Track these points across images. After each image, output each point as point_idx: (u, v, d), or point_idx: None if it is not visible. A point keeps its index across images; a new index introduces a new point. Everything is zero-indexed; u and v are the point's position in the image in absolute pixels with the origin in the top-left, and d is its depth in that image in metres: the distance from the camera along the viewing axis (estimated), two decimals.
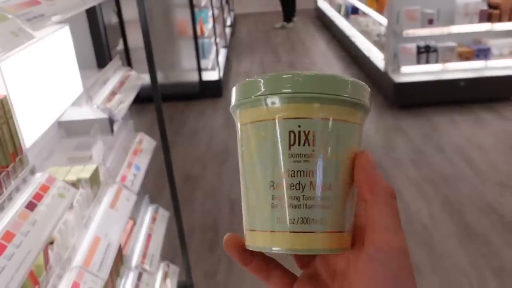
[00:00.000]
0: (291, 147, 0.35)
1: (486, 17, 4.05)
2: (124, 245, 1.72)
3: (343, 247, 0.37)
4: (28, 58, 1.17)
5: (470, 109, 4.12)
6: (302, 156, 0.35)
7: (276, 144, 0.35)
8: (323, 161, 0.35)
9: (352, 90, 0.37)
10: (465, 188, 2.96)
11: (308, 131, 0.35)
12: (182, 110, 4.61)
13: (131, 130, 1.94)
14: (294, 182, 0.35)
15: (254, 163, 0.37)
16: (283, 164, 0.35)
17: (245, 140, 0.38)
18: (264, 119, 0.36)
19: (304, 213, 0.35)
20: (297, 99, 0.35)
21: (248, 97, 0.36)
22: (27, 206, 0.92)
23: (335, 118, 0.36)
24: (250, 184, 0.37)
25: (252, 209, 0.37)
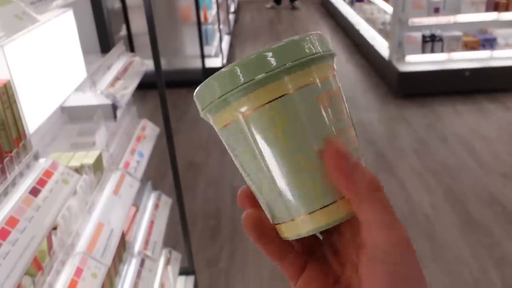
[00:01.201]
0: (324, 111, 0.34)
1: (493, 6, 4.00)
2: (127, 232, 1.72)
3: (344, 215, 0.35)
4: (31, 42, 1.16)
5: (474, 99, 4.09)
6: (335, 116, 0.34)
7: (264, 135, 0.34)
8: (348, 117, 0.36)
9: (325, 44, 0.36)
10: (468, 179, 2.95)
11: (330, 95, 0.34)
12: (185, 97, 4.59)
13: (135, 117, 1.93)
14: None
15: (248, 163, 0.35)
16: (324, 131, 0.34)
17: (230, 144, 0.36)
18: (237, 118, 0.34)
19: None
20: (261, 82, 0.33)
21: (214, 100, 0.35)
22: (30, 192, 0.91)
23: (330, 76, 0.35)
24: (289, 165, 0.34)
25: (280, 202, 0.35)
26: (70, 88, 1.40)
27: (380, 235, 0.32)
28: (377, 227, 0.32)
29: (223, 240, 2.53)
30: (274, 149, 0.34)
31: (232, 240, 2.51)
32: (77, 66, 1.47)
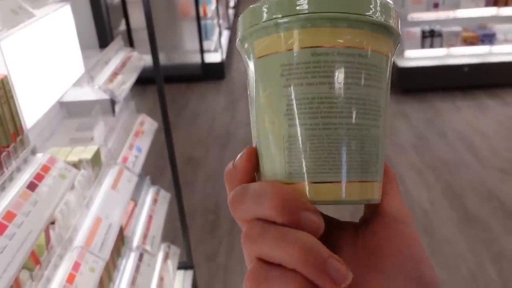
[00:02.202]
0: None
1: (493, 1, 4.00)
2: (126, 226, 1.73)
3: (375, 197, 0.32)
4: (29, 37, 1.16)
5: (473, 95, 4.09)
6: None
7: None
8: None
9: (382, 11, 0.30)
10: (467, 174, 2.96)
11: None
12: (184, 92, 4.59)
13: (133, 112, 1.93)
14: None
15: (274, 103, 0.30)
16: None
17: (263, 76, 0.31)
18: (282, 49, 0.30)
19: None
20: (329, 20, 0.29)
21: (267, 20, 0.30)
22: (28, 186, 0.92)
23: (374, 49, 0.30)
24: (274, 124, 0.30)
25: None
26: (68, 83, 1.40)
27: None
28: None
29: (222, 234, 2.54)
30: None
31: (231, 235, 2.52)
32: (75, 61, 1.47)
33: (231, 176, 0.32)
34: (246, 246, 0.29)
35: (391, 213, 0.32)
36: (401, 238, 0.31)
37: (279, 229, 0.27)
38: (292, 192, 0.28)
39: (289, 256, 0.26)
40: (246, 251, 0.29)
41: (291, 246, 0.26)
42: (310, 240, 0.27)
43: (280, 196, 0.28)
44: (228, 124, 3.77)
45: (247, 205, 0.29)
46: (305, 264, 0.26)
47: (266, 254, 0.27)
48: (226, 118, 3.90)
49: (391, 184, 0.34)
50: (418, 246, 0.31)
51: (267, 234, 0.27)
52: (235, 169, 0.32)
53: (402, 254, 0.30)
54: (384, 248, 0.30)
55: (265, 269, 0.27)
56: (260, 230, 0.28)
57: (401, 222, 0.32)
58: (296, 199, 0.28)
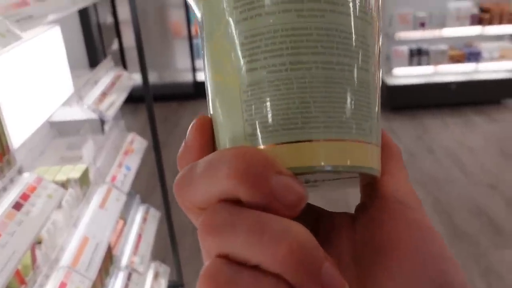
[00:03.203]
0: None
1: (477, 20, 4.09)
2: (114, 245, 1.73)
3: (375, 166, 0.25)
4: (17, 58, 1.18)
5: (461, 111, 4.15)
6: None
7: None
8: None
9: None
10: (455, 190, 2.99)
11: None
12: (176, 110, 4.61)
13: (123, 130, 1.95)
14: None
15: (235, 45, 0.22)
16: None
17: (215, 17, 0.23)
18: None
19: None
20: None
21: None
22: (14, 206, 0.93)
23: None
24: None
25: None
26: (57, 103, 1.41)
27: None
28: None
29: None
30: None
31: None
32: (64, 81, 1.49)
33: (183, 158, 0.24)
34: (206, 240, 0.20)
35: (396, 196, 0.24)
36: (413, 229, 0.23)
37: (256, 214, 0.19)
38: (258, 153, 0.20)
39: (271, 256, 0.18)
40: (205, 247, 0.20)
41: (276, 241, 0.18)
42: (302, 234, 0.19)
43: (241, 159, 0.19)
44: None
45: (198, 184, 0.20)
46: (295, 269, 0.18)
47: (237, 252, 0.19)
48: None
49: (394, 161, 0.27)
50: (437, 239, 0.24)
51: (238, 222, 0.19)
52: (186, 146, 0.24)
53: (418, 250, 0.22)
54: (393, 242, 0.23)
55: (231, 269, 0.19)
56: (228, 215, 0.19)
57: (410, 208, 0.24)
58: (264, 160, 0.19)
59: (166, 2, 4.75)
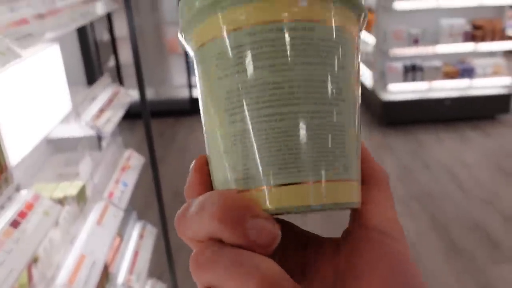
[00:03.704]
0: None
1: (470, 37, 4.15)
2: (111, 262, 1.71)
3: (355, 200, 0.26)
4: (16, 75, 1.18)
5: (456, 127, 4.18)
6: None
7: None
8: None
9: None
10: (451, 206, 2.99)
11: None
12: (172, 126, 4.62)
13: (120, 147, 1.95)
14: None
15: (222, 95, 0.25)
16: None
17: (207, 66, 0.26)
18: (227, 31, 0.25)
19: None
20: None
21: (202, 5, 0.25)
22: (11, 224, 0.92)
23: (328, 22, 0.25)
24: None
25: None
26: (55, 120, 1.42)
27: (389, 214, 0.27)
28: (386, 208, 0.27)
29: None
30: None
31: None
32: (62, 98, 1.49)
33: (187, 193, 0.27)
34: (194, 274, 0.23)
35: (380, 227, 0.26)
36: (394, 261, 0.24)
37: (234, 252, 0.22)
38: (237, 199, 0.23)
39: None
40: (194, 279, 0.23)
41: (248, 277, 0.21)
42: (271, 269, 0.21)
43: (222, 203, 0.23)
44: None
45: (191, 222, 0.24)
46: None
47: (218, 285, 0.22)
48: None
49: (381, 189, 0.27)
50: (416, 275, 0.25)
51: (219, 259, 0.22)
52: (188, 183, 0.27)
53: (397, 283, 0.24)
54: (372, 273, 0.24)
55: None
56: (210, 254, 0.22)
57: (393, 238, 0.26)
58: (242, 205, 0.23)
59: (162, 19, 4.79)
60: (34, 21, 1.11)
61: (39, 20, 1.14)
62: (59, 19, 1.22)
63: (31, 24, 1.09)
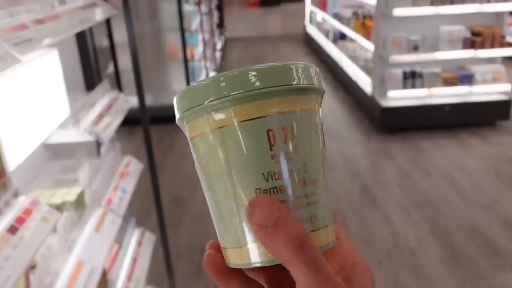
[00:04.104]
0: (272, 147, 0.31)
1: (469, 44, 4.16)
2: (109, 269, 1.70)
3: (333, 239, 0.34)
4: (15, 81, 1.18)
5: (455, 133, 4.18)
6: (284, 155, 0.32)
7: (254, 148, 0.31)
8: (305, 156, 0.32)
9: (302, 76, 0.33)
10: (451, 212, 2.98)
11: (285, 127, 0.32)
12: (171, 132, 4.61)
13: (118, 153, 1.94)
14: (278, 185, 0.31)
15: (231, 174, 0.32)
16: (264, 168, 0.31)
17: (207, 152, 0.33)
18: (227, 124, 0.32)
19: (296, 215, 0.32)
20: (263, 95, 0.31)
21: (201, 103, 0.32)
22: (9, 230, 0.91)
23: (302, 109, 0.33)
24: (224, 200, 0.34)
25: (230, 225, 0.34)
26: (53, 126, 1.41)
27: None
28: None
29: (208, 277, 2.50)
30: (218, 171, 0.33)
31: None
32: (60, 103, 1.49)
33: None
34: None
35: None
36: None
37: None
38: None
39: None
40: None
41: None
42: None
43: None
44: None
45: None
46: None
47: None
48: None
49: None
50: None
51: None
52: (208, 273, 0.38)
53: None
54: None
55: None
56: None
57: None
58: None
59: (162, 26, 4.80)
60: (33, 27, 1.11)
61: (38, 25, 1.13)
62: (58, 24, 1.22)
63: (30, 29, 1.09)
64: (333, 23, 6.37)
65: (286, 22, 11.61)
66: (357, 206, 3.11)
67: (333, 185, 3.21)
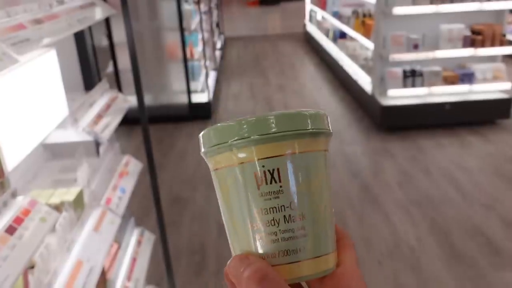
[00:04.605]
0: (260, 187, 0.37)
1: (470, 42, 4.15)
2: (108, 269, 1.70)
3: (329, 267, 0.38)
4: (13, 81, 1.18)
5: (455, 132, 4.17)
6: (271, 193, 0.37)
7: (245, 187, 0.37)
8: (292, 194, 0.37)
9: (311, 122, 0.38)
10: (452, 211, 2.98)
11: (273, 169, 0.36)
12: (171, 132, 4.61)
13: (118, 153, 1.94)
14: (268, 219, 0.37)
15: (231, 206, 0.38)
16: (255, 205, 0.37)
17: (218, 184, 0.40)
18: (229, 164, 0.38)
19: (283, 246, 0.37)
20: (255, 141, 0.36)
21: (213, 145, 0.38)
22: (7, 230, 0.91)
23: (298, 151, 0.37)
24: (231, 226, 0.39)
25: (239, 248, 0.39)
26: (51, 126, 1.41)
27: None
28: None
29: (208, 276, 2.50)
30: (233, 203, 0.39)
31: (218, 276, 2.48)
32: (58, 104, 1.49)
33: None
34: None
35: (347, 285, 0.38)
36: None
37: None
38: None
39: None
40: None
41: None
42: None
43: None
44: None
45: None
46: None
47: None
48: None
49: (347, 253, 0.40)
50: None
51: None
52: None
53: None
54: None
55: None
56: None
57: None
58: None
59: (162, 25, 4.80)
60: (31, 27, 1.10)
61: (36, 25, 1.13)
62: (56, 24, 1.22)
63: (28, 29, 1.08)
64: (333, 21, 6.36)
65: (286, 21, 11.60)
66: (357, 205, 3.11)
67: (333, 184, 3.21)
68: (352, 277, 0.38)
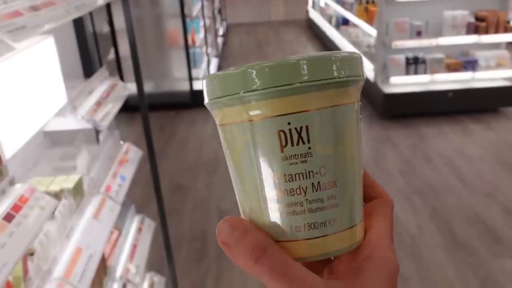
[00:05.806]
0: (284, 149, 0.30)
1: (473, 29, 4.11)
2: (109, 256, 1.71)
3: (357, 240, 0.33)
4: (10, 68, 1.17)
5: (458, 120, 4.15)
6: (298, 156, 0.30)
7: (263, 149, 0.31)
8: (323, 157, 0.31)
9: (343, 67, 0.31)
10: (453, 199, 2.98)
11: (301, 127, 0.30)
12: (173, 119, 4.61)
13: (117, 140, 1.94)
14: (294, 187, 0.31)
15: (242, 170, 0.32)
16: (277, 170, 0.31)
17: (228, 143, 0.33)
18: (242, 120, 0.31)
19: (309, 219, 0.31)
20: (281, 92, 0.30)
21: (224, 95, 0.31)
22: (5, 218, 0.91)
23: (330, 105, 0.31)
24: (242, 195, 0.33)
25: (252, 220, 0.33)
26: (50, 113, 1.41)
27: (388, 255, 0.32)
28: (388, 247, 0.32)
29: (209, 263, 2.51)
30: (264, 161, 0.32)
31: (218, 263, 2.50)
32: (57, 91, 1.48)
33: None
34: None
35: (374, 254, 0.32)
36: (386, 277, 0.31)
37: None
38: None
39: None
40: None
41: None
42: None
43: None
44: (216, 151, 3.78)
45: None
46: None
47: None
48: (214, 145, 3.91)
49: (382, 218, 0.34)
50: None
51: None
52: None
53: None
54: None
55: None
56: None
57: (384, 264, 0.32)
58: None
59: (163, 11, 4.76)
60: (27, 14, 1.09)
61: (33, 12, 1.12)
62: (53, 11, 1.21)
63: (24, 16, 1.07)
64: (336, 8, 6.30)
65: (288, 7, 11.49)
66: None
67: None
68: (376, 246, 0.32)
